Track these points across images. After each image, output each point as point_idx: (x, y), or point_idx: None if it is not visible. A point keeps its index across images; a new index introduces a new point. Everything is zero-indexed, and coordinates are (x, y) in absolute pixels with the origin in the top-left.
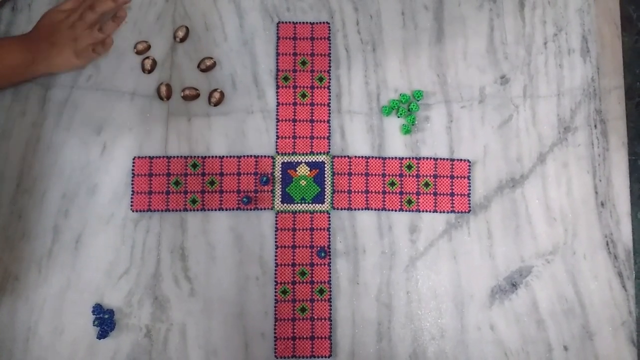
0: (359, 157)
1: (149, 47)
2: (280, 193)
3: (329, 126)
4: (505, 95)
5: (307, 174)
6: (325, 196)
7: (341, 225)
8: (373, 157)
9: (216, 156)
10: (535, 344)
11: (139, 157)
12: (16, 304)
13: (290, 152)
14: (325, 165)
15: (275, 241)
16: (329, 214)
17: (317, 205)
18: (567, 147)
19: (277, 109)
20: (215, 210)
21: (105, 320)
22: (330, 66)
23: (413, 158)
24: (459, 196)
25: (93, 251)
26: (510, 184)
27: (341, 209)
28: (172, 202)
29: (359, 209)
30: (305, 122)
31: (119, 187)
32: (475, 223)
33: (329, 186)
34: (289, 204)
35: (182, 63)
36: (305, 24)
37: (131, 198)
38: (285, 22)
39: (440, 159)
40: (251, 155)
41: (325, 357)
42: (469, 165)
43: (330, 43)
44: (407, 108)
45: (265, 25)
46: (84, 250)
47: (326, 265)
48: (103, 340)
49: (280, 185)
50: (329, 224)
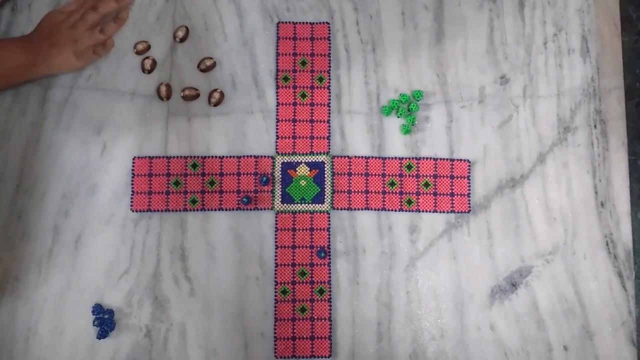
0: (359, 157)
1: (149, 47)
2: (280, 193)
3: (329, 126)
4: (505, 95)
5: (307, 174)
6: (325, 196)
7: (341, 226)
8: (373, 157)
9: (216, 156)
10: (535, 344)
11: (139, 157)
12: (16, 304)
13: (290, 152)
14: (325, 165)
15: (275, 241)
16: (329, 214)
17: (317, 205)
18: (567, 147)
19: (277, 109)
20: (215, 210)
21: (105, 320)
22: (330, 66)
23: (413, 158)
24: (459, 196)
25: (93, 251)
26: (510, 184)
27: (341, 209)
28: (172, 202)
29: (358, 209)
30: (305, 122)
31: (119, 187)
32: (475, 223)
33: (329, 186)
34: (288, 204)
35: (182, 63)
36: (305, 24)
37: (131, 198)
38: (285, 22)
39: (440, 159)
40: (251, 156)
41: (325, 357)
42: (469, 165)
43: (330, 43)
44: (407, 108)
45: (265, 25)
46: (84, 251)
47: (326, 266)
48: (103, 340)
49: (280, 186)
50: (329, 224)
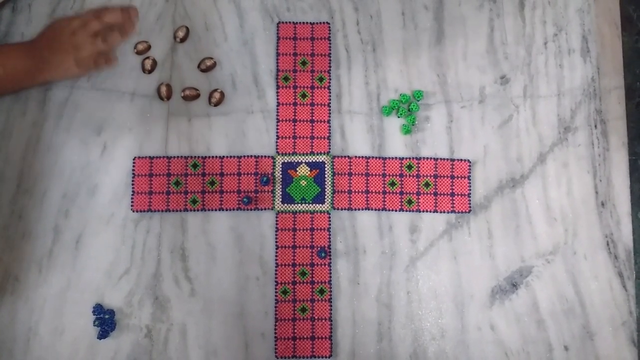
0: (359, 157)
1: (149, 47)
2: (281, 193)
3: (329, 126)
4: (505, 95)
5: (308, 174)
6: (326, 196)
7: (341, 226)
8: (373, 157)
9: (216, 156)
10: (536, 344)
11: (139, 157)
12: (16, 304)
13: (291, 152)
14: (326, 165)
15: (276, 241)
16: (329, 214)
17: (318, 205)
18: (567, 147)
19: (278, 109)
20: (216, 210)
21: (105, 321)
22: (330, 66)
23: (413, 158)
24: (459, 196)
25: (93, 251)
26: (510, 184)
27: (341, 209)
28: (173, 202)
29: (359, 209)
30: (305, 122)
31: (119, 188)
32: (476, 223)
33: (329, 186)
34: (289, 204)
35: (182, 63)
36: (305, 24)
37: (131, 198)
38: (286, 22)
39: (441, 159)
40: (251, 156)
41: (326, 357)
42: (469, 165)
43: (330, 43)
44: (407, 108)
45: (265, 25)
46: (84, 251)
47: (326, 266)
48: (103, 340)
49: (281, 186)
50: (329, 224)
